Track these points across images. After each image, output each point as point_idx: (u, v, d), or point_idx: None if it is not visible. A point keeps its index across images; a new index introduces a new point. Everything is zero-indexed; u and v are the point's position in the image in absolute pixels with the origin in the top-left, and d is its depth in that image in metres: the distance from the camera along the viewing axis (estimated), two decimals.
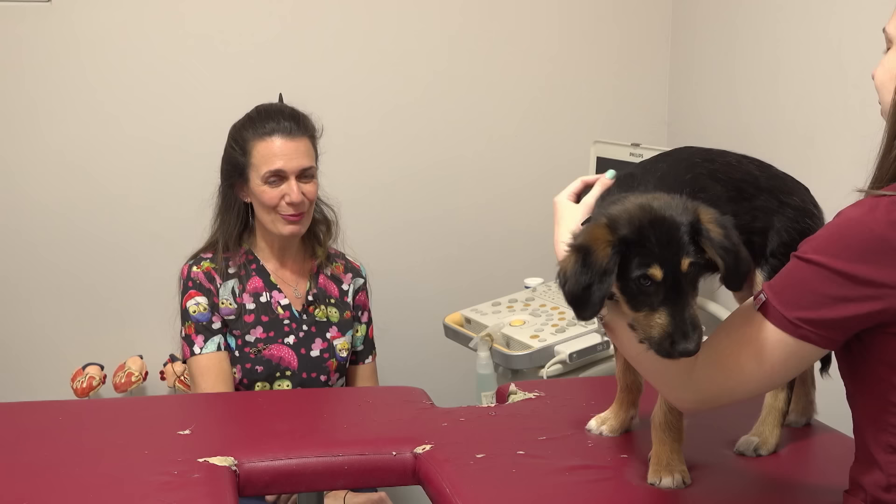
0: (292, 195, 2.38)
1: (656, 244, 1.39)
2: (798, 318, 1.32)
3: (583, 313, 1.42)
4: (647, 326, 1.40)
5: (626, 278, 1.40)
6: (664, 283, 1.38)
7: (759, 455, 1.75)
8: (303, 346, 2.47)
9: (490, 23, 3.15)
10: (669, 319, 1.38)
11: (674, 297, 1.38)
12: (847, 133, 2.35)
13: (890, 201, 1.27)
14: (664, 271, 1.38)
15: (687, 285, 1.39)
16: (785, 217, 1.64)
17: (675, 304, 1.38)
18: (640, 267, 1.38)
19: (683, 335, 1.37)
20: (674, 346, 1.37)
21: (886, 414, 1.34)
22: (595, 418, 1.86)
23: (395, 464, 1.80)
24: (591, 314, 1.42)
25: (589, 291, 1.39)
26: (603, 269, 1.38)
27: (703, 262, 1.41)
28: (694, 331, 1.38)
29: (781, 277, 1.36)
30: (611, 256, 1.38)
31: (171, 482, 1.64)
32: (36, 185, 2.94)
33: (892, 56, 1.40)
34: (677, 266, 1.38)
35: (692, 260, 1.39)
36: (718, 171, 1.64)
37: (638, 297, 1.40)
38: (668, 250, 1.38)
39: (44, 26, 2.87)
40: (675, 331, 1.37)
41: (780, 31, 2.66)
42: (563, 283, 1.43)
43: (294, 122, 2.43)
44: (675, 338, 1.37)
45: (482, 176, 3.20)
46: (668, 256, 1.38)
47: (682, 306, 1.38)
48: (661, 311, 1.39)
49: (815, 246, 1.32)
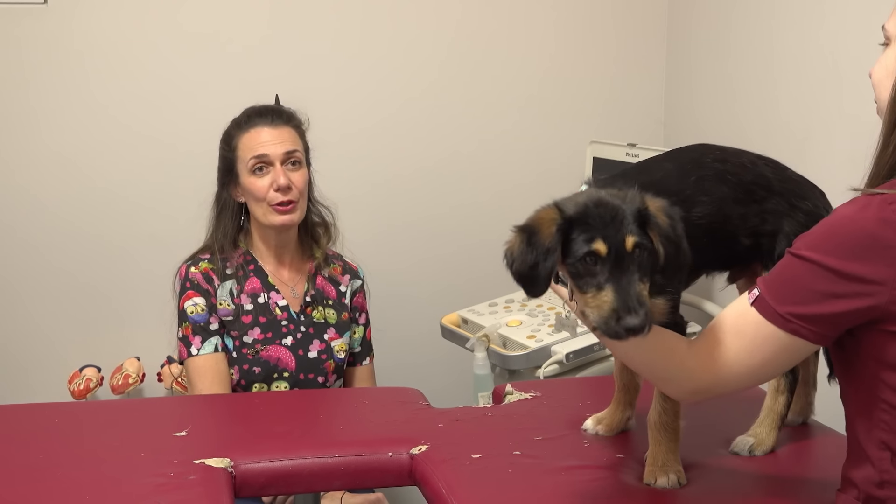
0: (279, 180, 2.39)
1: (600, 222, 1.40)
2: (789, 312, 1.34)
3: (532, 291, 1.44)
4: (594, 307, 1.41)
5: (573, 260, 1.41)
6: (608, 259, 1.39)
7: (752, 455, 1.75)
8: (300, 348, 2.47)
9: (487, 23, 3.15)
10: (614, 296, 1.39)
11: (618, 275, 1.39)
12: (841, 132, 2.35)
13: (882, 199, 1.28)
14: (608, 246, 1.39)
15: (632, 265, 1.40)
16: (795, 221, 1.65)
17: (619, 281, 1.39)
18: (584, 243, 1.40)
19: (628, 310, 1.38)
20: (619, 323, 1.38)
21: (878, 410, 1.35)
22: (591, 418, 1.86)
23: (392, 464, 1.80)
24: (540, 292, 1.44)
25: (535, 270, 1.42)
26: (546, 248, 1.41)
27: (649, 247, 1.42)
28: (640, 307, 1.38)
29: (775, 273, 1.38)
30: (554, 235, 1.41)
31: (168, 484, 1.64)
32: (33, 186, 2.94)
33: (890, 54, 1.40)
34: (622, 243, 1.39)
35: (638, 240, 1.40)
36: (729, 172, 1.64)
37: (585, 278, 1.41)
38: (611, 228, 1.40)
39: (41, 27, 2.87)
40: (620, 306, 1.38)
41: (775, 31, 2.66)
42: (510, 263, 1.46)
43: (276, 114, 2.47)
44: (621, 313, 1.38)
45: (479, 176, 3.20)
46: (612, 233, 1.40)
47: (628, 283, 1.39)
48: (607, 289, 1.39)
49: (808, 242, 1.34)
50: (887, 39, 1.42)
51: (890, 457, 1.35)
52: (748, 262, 1.73)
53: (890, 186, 1.31)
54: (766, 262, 1.67)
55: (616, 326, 1.38)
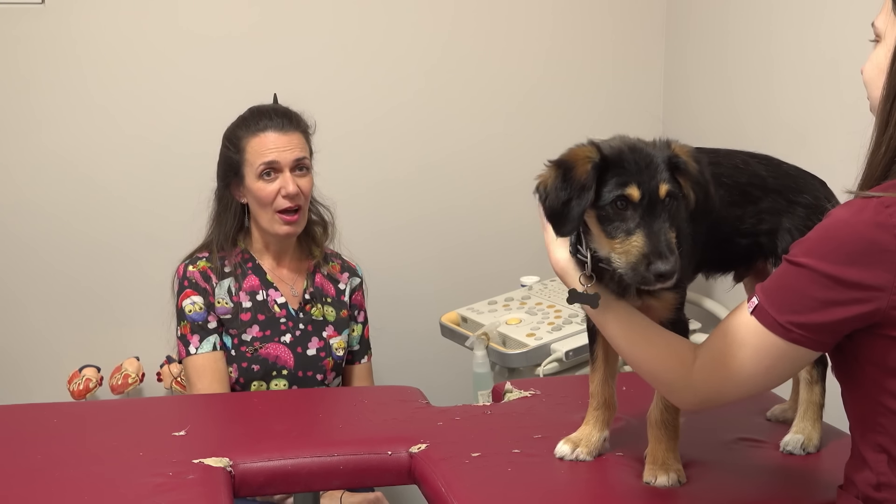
0: (288, 187, 2.39)
1: (635, 167, 1.41)
2: (789, 321, 1.32)
3: (562, 229, 1.44)
4: (622, 253, 1.41)
5: (602, 204, 1.41)
6: (641, 205, 1.40)
7: (807, 453, 1.75)
8: (299, 345, 2.47)
9: (484, 22, 3.15)
10: (646, 241, 1.39)
11: (649, 221, 1.39)
12: (840, 130, 2.34)
13: (878, 202, 1.26)
14: (641, 192, 1.39)
15: (664, 212, 1.40)
16: (795, 216, 1.65)
17: (650, 227, 1.39)
18: (617, 187, 1.40)
19: (659, 255, 1.37)
20: (649, 268, 1.38)
21: (875, 414, 1.34)
22: (566, 442, 1.73)
23: (391, 463, 1.80)
24: (571, 229, 1.44)
25: (568, 206, 1.41)
26: (582, 185, 1.40)
27: (680, 195, 1.42)
28: (671, 253, 1.38)
29: (773, 280, 1.36)
30: (590, 172, 1.41)
31: (166, 483, 1.64)
32: (31, 187, 2.94)
33: (880, 51, 1.39)
34: (655, 190, 1.40)
35: (671, 188, 1.40)
36: (724, 174, 1.64)
37: (614, 223, 1.41)
38: (646, 174, 1.40)
39: (38, 28, 2.87)
40: (651, 251, 1.38)
41: (773, 28, 2.66)
42: (542, 197, 1.45)
43: (286, 118, 2.45)
44: (651, 258, 1.38)
45: (477, 175, 3.20)
46: (646, 179, 1.40)
47: (659, 230, 1.39)
48: (638, 234, 1.39)
49: (804, 249, 1.32)
50: (878, 36, 1.41)
51: (886, 460, 1.34)
52: (751, 262, 1.73)
53: (885, 189, 1.29)
54: (770, 258, 1.67)
55: (645, 272, 1.38)
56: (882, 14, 1.39)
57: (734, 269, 1.77)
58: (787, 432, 1.79)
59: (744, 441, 1.83)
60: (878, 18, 1.40)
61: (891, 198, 1.26)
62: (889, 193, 1.27)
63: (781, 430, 1.81)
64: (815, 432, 1.76)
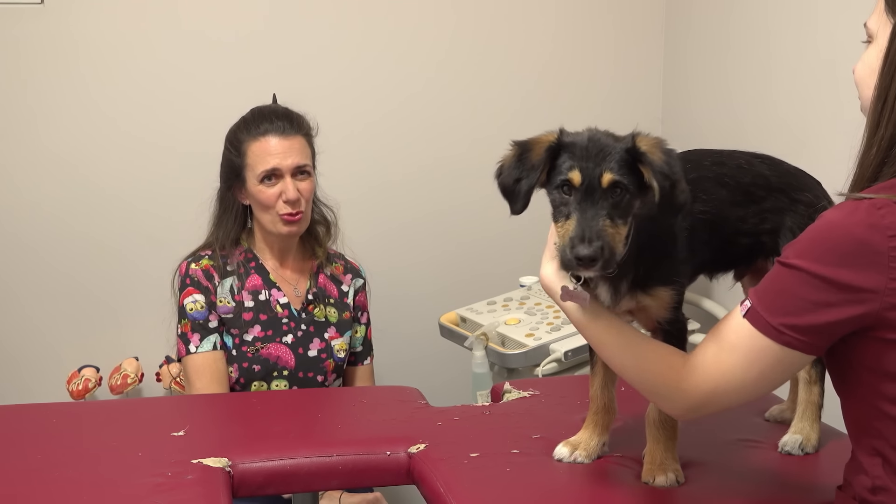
0: (289, 193, 2.39)
1: (584, 154, 1.44)
2: (781, 324, 1.31)
3: (513, 206, 1.50)
4: (560, 237, 1.45)
5: (551, 188, 1.46)
6: (580, 190, 1.42)
7: (806, 453, 1.75)
8: (300, 346, 2.47)
9: (485, 22, 3.15)
10: (575, 225, 1.41)
11: (585, 207, 1.42)
12: (839, 131, 2.33)
13: (870, 204, 1.26)
14: (582, 178, 1.42)
15: (604, 201, 1.42)
16: (797, 214, 1.65)
17: (584, 213, 1.41)
18: (564, 171, 1.44)
19: (582, 239, 1.40)
20: (572, 251, 1.40)
21: (870, 418, 1.33)
22: (565, 444, 1.74)
23: (390, 463, 1.80)
24: (520, 207, 1.49)
25: (518, 185, 1.48)
26: (532, 165, 1.47)
27: (632, 187, 1.43)
28: (596, 238, 1.39)
29: (766, 283, 1.35)
30: (542, 154, 1.46)
31: (165, 483, 1.64)
32: (31, 187, 2.94)
33: (871, 51, 1.39)
34: (598, 177, 1.42)
35: (617, 178, 1.42)
36: (727, 175, 1.64)
37: (559, 207, 1.46)
38: (592, 161, 1.43)
39: (37, 28, 2.87)
40: (576, 235, 1.40)
41: (772, 29, 2.66)
42: (497, 174, 1.55)
43: (287, 122, 2.43)
44: (575, 241, 1.40)
45: (476, 175, 3.16)
46: (591, 166, 1.42)
47: (593, 216, 1.41)
48: (572, 218, 1.42)
49: (796, 251, 1.31)
50: (869, 37, 1.41)
51: (881, 463, 1.33)
52: (752, 261, 1.73)
53: (876, 190, 1.28)
54: (771, 257, 1.67)
55: (569, 255, 1.41)
56: (874, 15, 1.39)
57: (735, 268, 1.78)
58: (786, 432, 1.79)
59: (742, 441, 1.83)
60: (870, 19, 1.40)
61: (883, 199, 1.26)
62: (881, 195, 1.26)
63: (780, 431, 1.81)
64: (814, 433, 1.76)
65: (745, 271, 1.78)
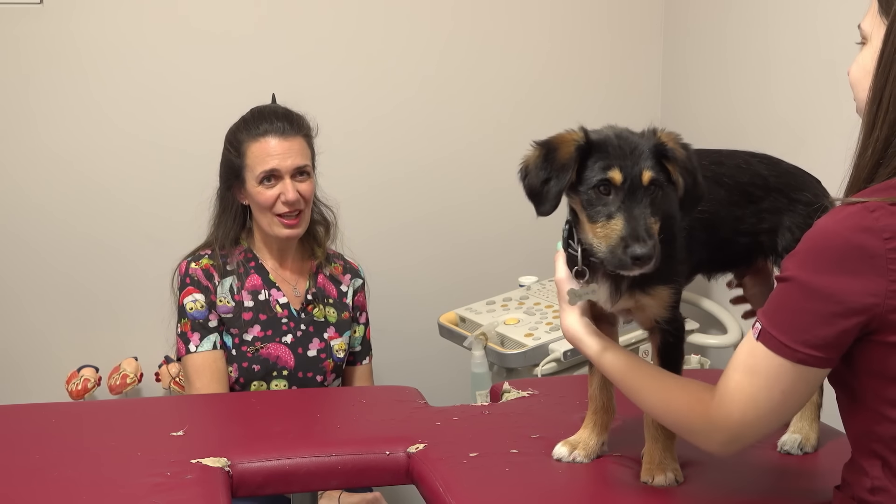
0: (288, 194, 2.39)
1: (619, 152, 1.43)
2: (794, 341, 1.29)
3: (540, 207, 1.47)
4: (602, 237, 1.43)
5: (586, 187, 1.44)
6: (622, 189, 1.41)
7: (805, 453, 1.75)
8: (300, 346, 2.47)
9: (484, 22, 3.15)
10: (625, 224, 1.40)
11: (630, 205, 1.41)
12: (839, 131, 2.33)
13: (863, 207, 1.25)
14: (624, 176, 1.41)
15: (646, 198, 1.42)
16: (796, 214, 1.65)
17: (630, 211, 1.41)
18: (601, 171, 1.42)
19: (637, 238, 1.39)
20: (626, 251, 1.39)
21: (871, 422, 1.33)
22: (564, 444, 1.74)
23: (389, 463, 1.80)
24: (549, 209, 1.46)
25: (547, 185, 1.44)
26: (562, 165, 1.43)
27: (664, 183, 1.44)
28: (650, 237, 1.39)
29: (772, 302, 1.33)
30: (572, 153, 1.43)
31: (164, 483, 1.64)
32: (30, 186, 2.94)
33: (865, 53, 1.39)
34: (638, 175, 1.41)
35: (654, 175, 1.42)
36: (725, 175, 1.65)
37: (596, 207, 1.43)
38: (630, 159, 1.42)
39: (37, 27, 2.87)
40: (628, 234, 1.39)
41: (771, 29, 2.66)
42: (523, 176, 1.49)
43: (287, 122, 2.43)
44: (629, 241, 1.39)
45: (476, 175, 3.20)
46: (629, 164, 1.42)
47: (640, 214, 1.41)
48: (618, 217, 1.41)
49: (795, 263, 1.30)
50: (864, 38, 1.41)
51: (881, 465, 1.33)
52: (751, 260, 1.72)
53: (870, 193, 1.28)
54: (770, 256, 1.67)
55: (622, 255, 1.40)
56: (868, 16, 1.40)
57: (734, 268, 1.77)
58: (785, 432, 1.79)
59: None
60: (864, 21, 1.41)
61: (876, 202, 1.25)
62: (873, 198, 1.26)
63: (779, 430, 1.81)
64: (813, 432, 1.76)
65: (746, 271, 1.78)
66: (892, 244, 1.23)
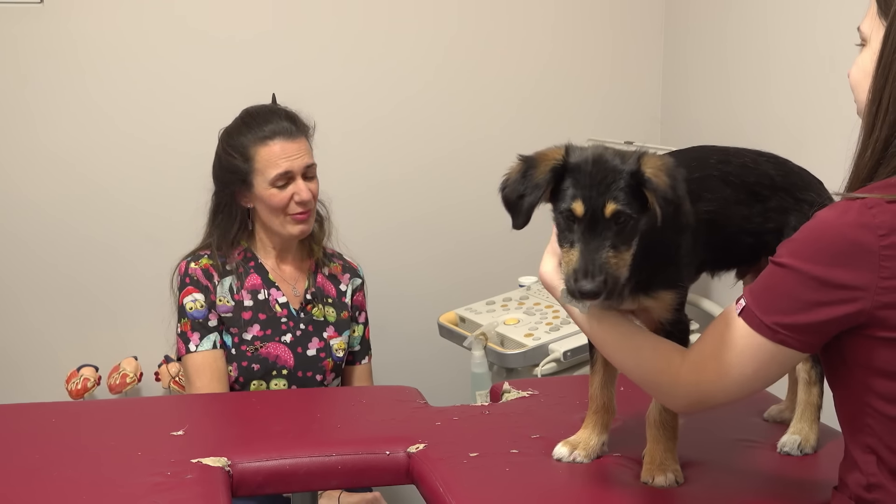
0: (302, 194, 2.40)
1: (588, 181, 1.43)
2: (775, 322, 1.33)
3: (515, 221, 1.49)
4: (565, 263, 1.45)
5: (556, 213, 1.47)
6: (584, 221, 1.42)
7: (804, 454, 1.75)
8: (299, 345, 2.47)
9: (484, 22, 3.15)
10: (579, 257, 1.42)
11: (589, 238, 1.42)
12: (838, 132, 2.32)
13: (862, 204, 1.27)
14: (585, 209, 1.42)
15: (608, 231, 1.42)
16: (801, 213, 1.65)
17: (588, 244, 1.42)
18: (568, 199, 1.44)
19: (585, 273, 1.41)
20: (576, 284, 1.42)
21: (863, 415, 1.34)
22: (564, 444, 1.74)
23: (389, 463, 1.80)
24: (521, 223, 1.48)
25: (521, 201, 1.47)
26: (535, 184, 1.46)
27: (636, 214, 1.43)
28: (599, 273, 1.41)
29: (760, 282, 1.37)
30: (547, 174, 1.45)
31: (164, 483, 1.64)
32: (29, 186, 2.94)
33: (865, 55, 1.40)
34: (600, 208, 1.41)
35: (619, 208, 1.41)
36: (732, 173, 1.64)
37: (564, 233, 1.46)
38: (595, 190, 1.42)
39: (37, 27, 2.87)
40: (579, 269, 1.41)
41: (771, 29, 2.66)
42: (502, 188, 1.53)
43: (291, 123, 2.44)
44: (578, 275, 1.41)
45: (476, 174, 3.20)
46: (594, 195, 1.42)
47: (596, 248, 1.41)
48: (575, 249, 1.43)
49: (790, 250, 1.33)
50: (863, 40, 1.42)
51: (876, 461, 1.34)
52: (755, 259, 1.73)
53: (870, 190, 1.30)
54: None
55: (573, 286, 1.43)
56: (867, 18, 1.40)
57: (738, 266, 1.77)
58: (784, 433, 1.79)
59: (741, 441, 1.83)
60: (863, 23, 1.41)
61: (874, 199, 1.27)
62: (873, 195, 1.28)
63: (778, 431, 1.81)
64: (813, 433, 1.77)
65: (749, 270, 1.78)
66: (886, 241, 1.25)
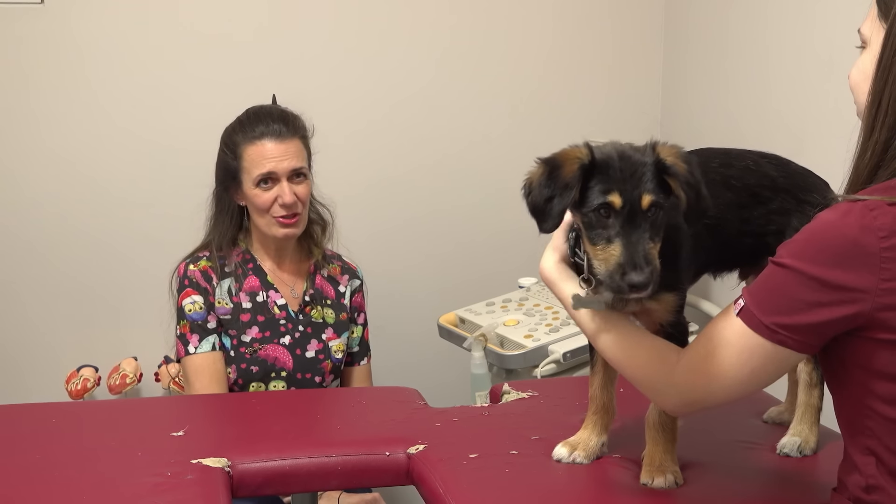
0: (284, 197, 2.39)
1: (620, 175, 1.42)
2: (774, 323, 1.33)
3: (543, 225, 1.46)
4: (602, 260, 1.43)
5: (587, 210, 1.44)
6: (622, 214, 1.41)
7: (804, 455, 1.75)
8: (298, 347, 2.47)
9: (483, 23, 3.15)
10: (623, 250, 1.41)
11: (629, 230, 1.41)
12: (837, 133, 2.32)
13: (863, 206, 1.27)
14: (623, 201, 1.41)
15: (645, 223, 1.42)
16: (804, 215, 1.64)
17: (630, 237, 1.41)
18: (601, 194, 1.42)
19: (634, 265, 1.40)
20: (623, 278, 1.40)
21: (862, 417, 1.35)
22: (563, 445, 1.74)
23: (389, 464, 1.80)
24: (551, 226, 1.46)
25: (550, 204, 1.44)
26: (565, 184, 1.43)
27: (665, 205, 1.43)
28: (647, 264, 1.40)
29: (759, 282, 1.37)
30: (576, 172, 1.43)
31: (164, 483, 1.64)
32: (30, 185, 2.94)
33: (865, 57, 1.40)
34: (637, 199, 1.41)
35: (654, 199, 1.42)
36: (734, 177, 1.65)
37: (597, 229, 1.44)
38: (630, 182, 1.42)
39: (37, 27, 2.87)
40: (626, 261, 1.40)
41: (770, 30, 2.66)
42: (527, 193, 1.48)
43: (283, 124, 2.43)
44: (626, 268, 1.40)
45: (476, 176, 3.20)
46: (630, 188, 1.41)
47: (638, 240, 1.41)
48: (616, 243, 1.42)
49: (791, 251, 1.33)
50: (863, 43, 1.42)
51: (875, 462, 1.34)
52: (757, 260, 1.73)
53: (871, 192, 1.30)
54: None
55: (620, 281, 1.41)
56: (867, 21, 1.41)
57: (739, 267, 1.78)
58: (784, 434, 1.79)
59: (741, 443, 1.83)
60: (863, 25, 1.42)
61: (875, 201, 1.27)
62: (875, 197, 1.28)
63: (778, 433, 1.81)
64: (813, 435, 1.77)
65: (751, 271, 1.78)
66: (887, 243, 1.25)
